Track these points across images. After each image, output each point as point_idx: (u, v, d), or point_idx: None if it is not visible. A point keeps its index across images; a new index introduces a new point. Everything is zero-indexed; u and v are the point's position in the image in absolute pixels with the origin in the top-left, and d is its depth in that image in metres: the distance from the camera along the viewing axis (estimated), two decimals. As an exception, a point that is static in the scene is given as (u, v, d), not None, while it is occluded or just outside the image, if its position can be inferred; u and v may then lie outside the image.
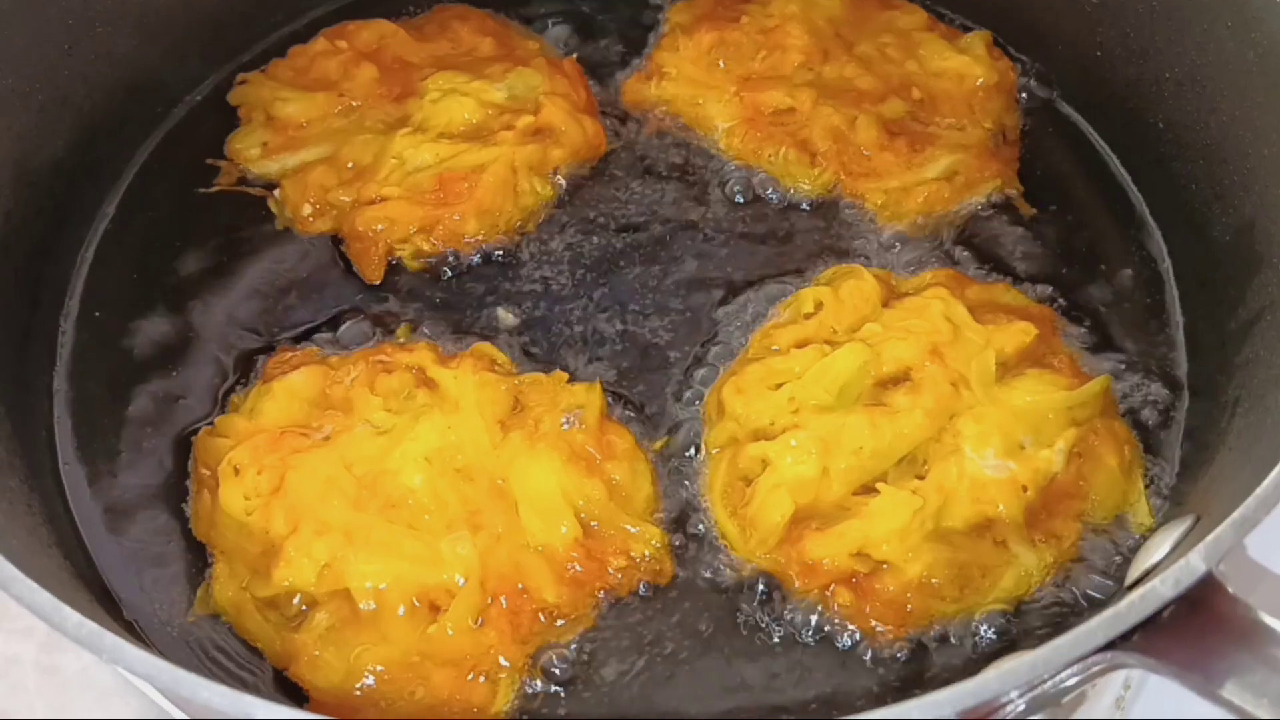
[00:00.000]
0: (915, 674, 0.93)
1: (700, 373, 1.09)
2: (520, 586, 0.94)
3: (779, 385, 1.01)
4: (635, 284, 1.15)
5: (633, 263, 1.16)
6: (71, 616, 0.72)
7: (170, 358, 1.11)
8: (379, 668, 0.91)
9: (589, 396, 1.03)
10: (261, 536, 0.95)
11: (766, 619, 0.96)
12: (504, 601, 0.93)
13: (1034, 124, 1.26)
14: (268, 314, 1.13)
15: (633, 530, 0.97)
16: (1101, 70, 1.22)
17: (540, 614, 0.94)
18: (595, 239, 1.18)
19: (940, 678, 0.92)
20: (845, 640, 0.94)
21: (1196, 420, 1.04)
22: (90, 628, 0.72)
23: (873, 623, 0.93)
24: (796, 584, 0.96)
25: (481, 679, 0.92)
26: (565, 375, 1.05)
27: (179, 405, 1.08)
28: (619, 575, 0.96)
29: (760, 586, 0.97)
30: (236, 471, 0.97)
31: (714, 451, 1.03)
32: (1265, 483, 0.75)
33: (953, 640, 0.93)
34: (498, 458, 0.98)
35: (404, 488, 0.96)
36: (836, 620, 0.94)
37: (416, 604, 0.93)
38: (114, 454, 1.05)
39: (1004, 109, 1.25)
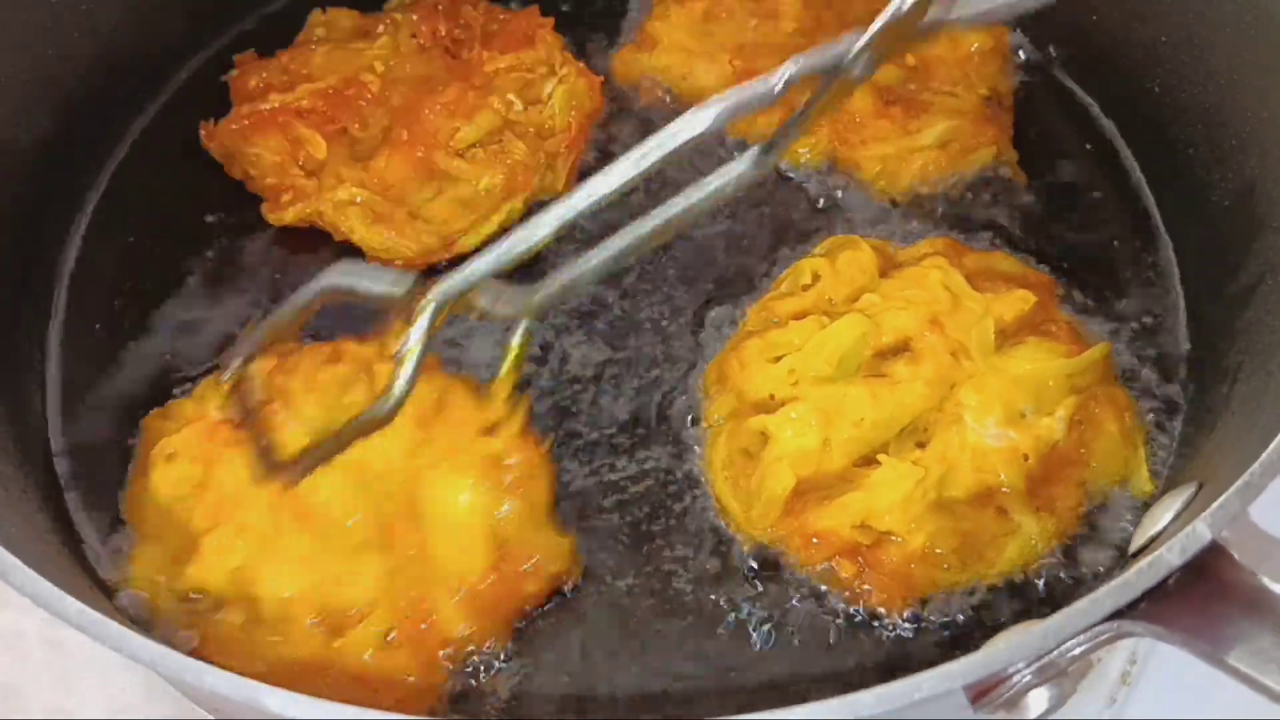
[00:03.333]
0: (921, 645, 0.93)
1: (697, 346, 1.08)
2: (429, 618, 0.90)
3: (778, 358, 1.01)
4: (630, 257, 1.14)
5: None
6: (73, 605, 0.72)
7: (161, 341, 1.10)
8: (287, 665, 0.89)
9: (514, 409, 0.99)
10: (183, 527, 0.93)
11: (769, 593, 0.96)
12: (412, 627, 0.90)
13: (1028, 89, 1.25)
14: (261, 300, 1.12)
15: (545, 544, 0.95)
16: (1097, 34, 1.21)
17: (450, 645, 0.91)
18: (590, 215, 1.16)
19: (947, 648, 0.92)
20: (850, 613, 0.94)
21: (1197, 386, 1.04)
22: (93, 616, 0.71)
23: (877, 595, 0.93)
24: (799, 557, 0.95)
25: (389, 696, 0.89)
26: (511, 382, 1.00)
27: (171, 389, 1.06)
28: (533, 596, 0.94)
29: (763, 560, 0.97)
30: (170, 457, 0.95)
31: (713, 426, 1.02)
32: (1270, 448, 0.74)
33: (958, 610, 0.93)
34: (413, 468, 0.94)
35: (318, 496, 0.92)
36: (840, 593, 0.94)
37: (322, 619, 0.90)
38: (108, 437, 1.04)
39: (998, 74, 1.24)
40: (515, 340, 0.99)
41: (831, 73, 0.81)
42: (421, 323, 0.86)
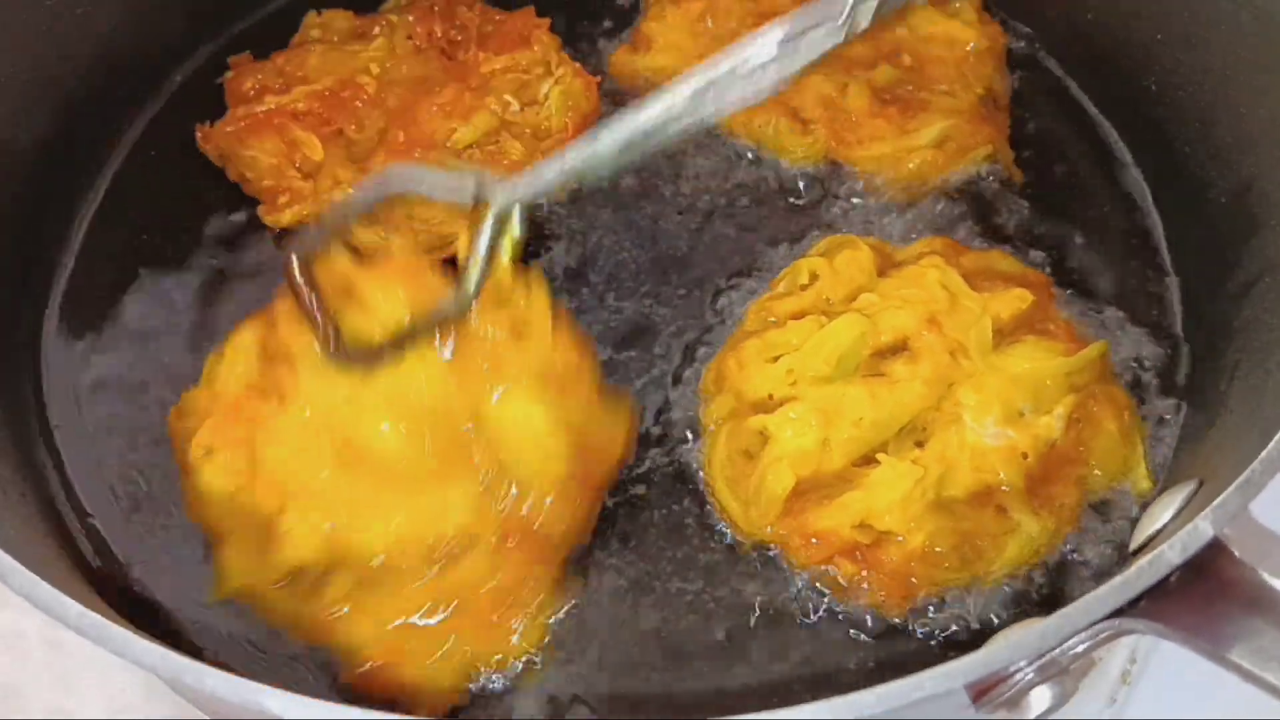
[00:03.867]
0: (922, 644, 0.93)
1: (696, 348, 1.08)
2: (532, 522, 0.92)
3: (777, 358, 1.01)
4: (628, 259, 1.14)
5: (625, 238, 1.15)
6: (73, 608, 0.71)
7: (161, 344, 1.10)
8: (407, 618, 0.90)
9: (534, 302, 0.97)
10: (254, 514, 0.91)
11: (768, 593, 0.96)
12: (514, 535, 0.91)
13: (1025, 88, 1.25)
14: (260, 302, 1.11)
15: (607, 421, 0.97)
16: (1092, 33, 1.21)
17: (551, 535, 0.93)
18: (587, 215, 1.17)
19: (947, 647, 0.93)
20: (850, 613, 0.94)
21: (1196, 384, 1.04)
22: (92, 619, 0.71)
23: (877, 594, 0.93)
24: (799, 557, 0.95)
25: (512, 611, 0.91)
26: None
27: (171, 390, 1.05)
28: (609, 475, 0.98)
29: (763, 560, 0.97)
30: (209, 453, 0.93)
31: (713, 426, 1.02)
32: (1271, 445, 0.74)
33: (958, 610, 0.94)
34: (468, 393, 0.92)
35: (379, 440, 0.90)
36: (840, 593, 0.94)
37: (429, 555, 0.90)
38: (108, 440, 1.05)
39: (994, 73, 1.24)
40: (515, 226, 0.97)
41: None
42: (486, 228, 0.91)
